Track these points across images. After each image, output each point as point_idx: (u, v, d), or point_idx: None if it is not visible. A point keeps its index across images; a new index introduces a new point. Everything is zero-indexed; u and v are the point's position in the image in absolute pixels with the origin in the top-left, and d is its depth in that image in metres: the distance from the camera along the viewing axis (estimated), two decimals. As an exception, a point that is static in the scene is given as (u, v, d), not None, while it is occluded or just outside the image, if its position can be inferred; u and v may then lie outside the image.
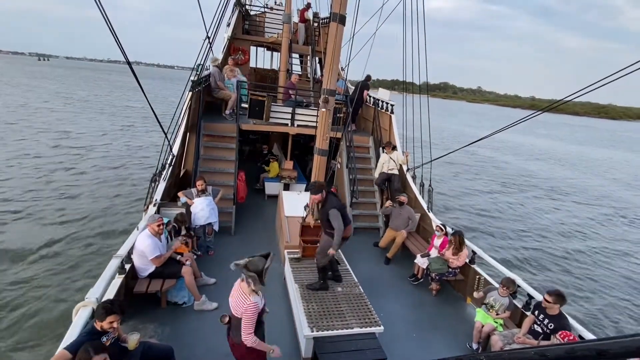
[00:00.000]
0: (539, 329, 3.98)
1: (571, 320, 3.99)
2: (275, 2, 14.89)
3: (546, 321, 3.92)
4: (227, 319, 3.15)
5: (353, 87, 10.26)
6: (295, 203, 6.37)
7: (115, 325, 2.98)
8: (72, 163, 14.90)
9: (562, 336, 3.57)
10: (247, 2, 14.37)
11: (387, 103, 9.07)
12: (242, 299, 2.97)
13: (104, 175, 13.80)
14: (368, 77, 9.73)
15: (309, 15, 13.89)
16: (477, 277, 5.45)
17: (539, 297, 4.52)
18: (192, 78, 7.16)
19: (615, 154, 39.60)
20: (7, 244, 8.20)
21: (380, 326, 4.15)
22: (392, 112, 8.87)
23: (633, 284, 9.81)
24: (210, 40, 7.21)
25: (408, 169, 8.11)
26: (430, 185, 7.23)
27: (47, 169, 13.72)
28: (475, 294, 5.10)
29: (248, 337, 2.96)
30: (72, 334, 3.00)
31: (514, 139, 39.39)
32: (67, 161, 15.08)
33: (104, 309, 2.93)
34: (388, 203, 7.14)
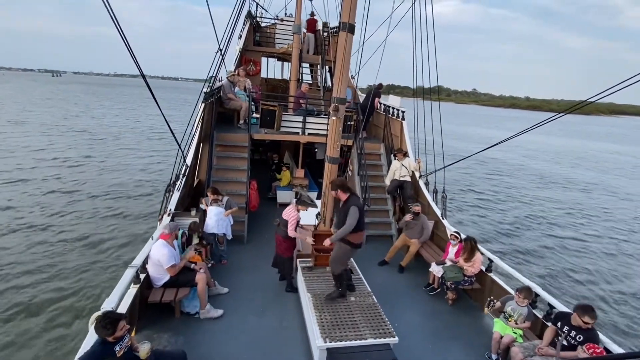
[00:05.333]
0: (564, 342, 3.80)
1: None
2: (285, 14, 15.16)
3: (573, 333, 3.74)
4: (277, 221, 5.37)
5: (364, 95, 10.27)
6: (307, 211, 6.34)
7: (127, 327, 2.99)
8: (94, 174, 15.36)
9: (588, 348, 3.41)
10: (258, 15, 14.67)
11: (398, 110, 9.04)
12: (291, 211, 5.22)
13: (119, 186, 14.14)
14: (380, 85, 9.76)
15: (320, 24, 14.06)
16: (494, 285, 5.28)
17: (560, 307, 4.34)
18: (204, 90, 7.29)
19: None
20: (20, 255, 8.40)
21: (394, 337, 4.06)
22: (403, 118, 8.82)
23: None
24: (222, 53, 7.35)
25: (421, 176, 8.01)
26: (444, 192, 7.11)
27: (62, 179, 14.19)
28: (486, 310, 4.80)
29: (291, 230, 5.17)
30: (88, 344, 3.02)
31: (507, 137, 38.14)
32: (88, 171, 15.57)
33: (109, 322, 2.84)
34: (408, 217, 6.79)
